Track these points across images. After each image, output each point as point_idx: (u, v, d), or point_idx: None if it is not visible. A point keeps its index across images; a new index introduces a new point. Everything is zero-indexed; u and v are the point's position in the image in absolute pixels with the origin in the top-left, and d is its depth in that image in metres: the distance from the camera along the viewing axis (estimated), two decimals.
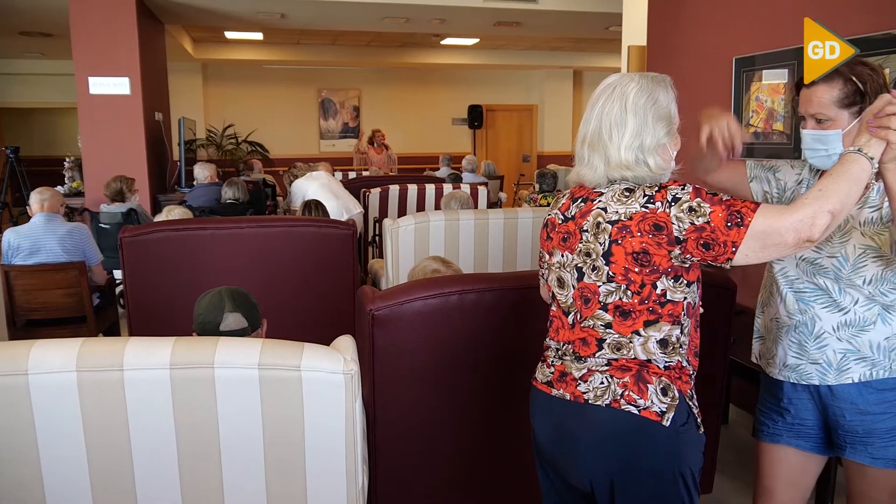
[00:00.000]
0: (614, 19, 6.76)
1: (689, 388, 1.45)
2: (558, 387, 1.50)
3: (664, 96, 1.45)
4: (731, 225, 1.31)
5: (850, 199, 1.35)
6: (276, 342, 1.59)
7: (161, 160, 6.93)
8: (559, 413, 1.50)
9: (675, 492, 1.42)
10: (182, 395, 1.52)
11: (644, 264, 1.37)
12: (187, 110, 9.60)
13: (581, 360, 1.46)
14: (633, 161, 1.41)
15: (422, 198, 5.80)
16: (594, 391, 1.43)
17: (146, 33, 6.47)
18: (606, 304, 1.42)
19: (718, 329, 2.35)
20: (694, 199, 1.34)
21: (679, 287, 1.41)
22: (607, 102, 1.45)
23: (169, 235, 3.37)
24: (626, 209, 1.39)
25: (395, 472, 2.16)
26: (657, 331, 1.41)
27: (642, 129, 1.42)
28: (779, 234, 1.30)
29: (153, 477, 1.58)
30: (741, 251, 1.32)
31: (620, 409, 1.40)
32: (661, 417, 1.39)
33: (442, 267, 2.47)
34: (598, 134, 1.45)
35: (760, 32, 3.41)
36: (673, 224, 1.34)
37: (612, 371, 1.42)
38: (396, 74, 12.29)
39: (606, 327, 1.43)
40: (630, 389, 1.40)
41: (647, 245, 1.36)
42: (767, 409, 1.88)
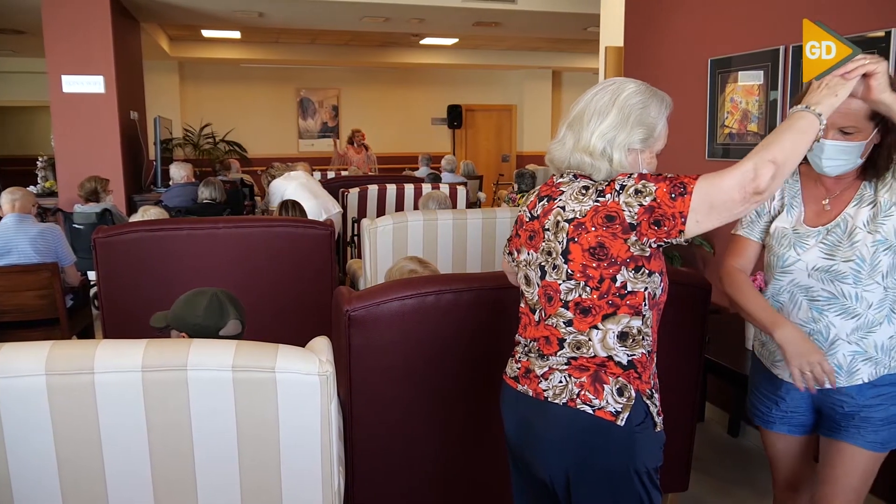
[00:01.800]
0: (592, 20, 6.80)
1: (648, 387, 1.46)
2: (523, 382, 1.53)
3: (656, 109, 1.46)
4: (675, 196, 1.32)
5: (795, 149, 1.36)
6: (250, 344, 1.58)
7: (136, 160, 6.85)
8: (523, 408, 1.53)
9: (631, 489, 1.45)
10: (154, 398, 1.51)
11: (601, 258, 1.39)
12: (164, 109, 9.49)
13: (544, 357, 1.49)
14: (598, 150, 1.43)
15: (401, 198, 5.79)
16: (553, 389, 1.46)
17: (121, 31, 6.39)
18: (567, 302, 1.44)
19: (693, 328, 2.37)
20: (639, 182, 1.37)
21: (640, 277, 1.42)
22: (601, 92, 1.48)
23: (144, 236, 3.33)
24: (581, 207, 1.41)
25: (372, 473, 2.16)
26: (616, 323, 1.42)
27: (620, 125, 1.43)
28: (724, 193, 1.30)
29: (125, 481, 1.56)
30: (690, 219, 1.32)
31: (576, 408, 1.42)
32: (616, 417, 1.41)
33: (419, 267, 2.47)
34: (580, 116, 1.47)
35: (736, 34, 3.44)
36: (624, 212, 1.36)
37: (570, 370, 1.45)
38: (376, 74, 12.25)
39: (567, 325, 1.45)
40: (586, 389, 1.42)
41: (603, 238, 1.38)
42: (762, 396, 1.93)
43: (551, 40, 9.87)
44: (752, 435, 3.40)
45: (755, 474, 3.10)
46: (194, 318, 1.90)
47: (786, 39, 3.10)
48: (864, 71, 1.47)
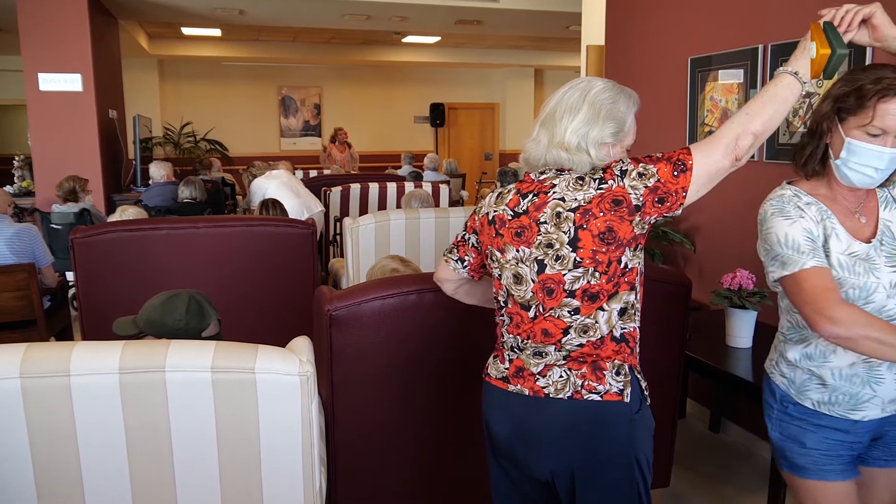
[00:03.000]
0: (574, 19, 6.82)
1: (636, 360, 1.52)
2: (515, 382, 1.52)
3: (624, 104, 1.50)
4: (678, 173, 1.41)
5: (774, 121, 1.45)
6: (229, 344, 1.57)
7: (115, 159, 6.77)
8: (517, 409, 1.52)
9: (631, 477, 1.49)
10: (132, 401, 1.49)
11: (610, 242, 1.43)
12: (143, 108, 9.40)
13: (539, 354, 1.49)
14: (574, 145, 1.46)
15: (383, 196, 5.78)
16: (554, 385, 1.47)
17: (98, 28, 6.31)
18: (574, 291, 1.45)
19: (674, 325, 2.38)
20: (638, 166, 1.43)
21: (637, 254, 1.48)
22: (571, 90, 1.52)
23: (122, 236, 3.29)
24: (584, 195, 1.44)
25: (354, 473, 2.15)
26: (618, 301, 1.47)
27: (592, 121, 1.47)
28: (717, 163, 1.42)
29: (103, 485, 1.54)
30: (691, 191, 1.42)
31: (583, 399, 1.45)
32: (622, 395, 1.46)
33: (401, 266, 2.46)
34: (552, 114, 1.51)
35: (715, 33, 3.47)
36: (630, 195, 1.41)
37: (569, 364, 1.47)
38: (358, 72, 12.21)
39: (574, 313, 1.46)
40: (589, 379, 1.46)
41: (611, 222, 1.42)
42: (831, 450, 1.63)
43: (533, 39, 9.89)
44: (732, 431, 3.43)
45: (736, 469, 3.12)
46: (175, 323, 1.86)
47: (765, 38, 3.13)
48: (860, 17, 1.50)
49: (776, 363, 1.73)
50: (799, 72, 1.47)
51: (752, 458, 3.22)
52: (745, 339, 2.74)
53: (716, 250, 3.55)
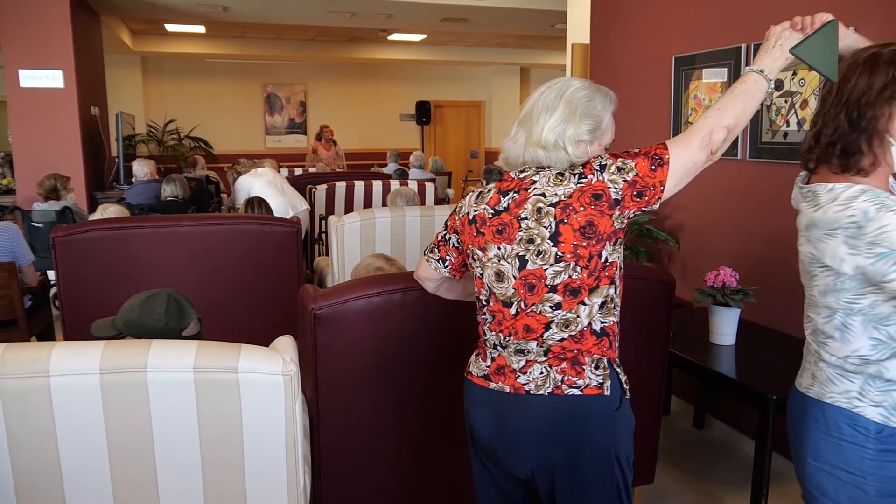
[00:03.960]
0: (559, 17, 6.83)
1: (615, 354, 1.53)
2: (496, 380, 1.54)
3: (601, 103, 1.52)
4: (655, 168, 1.43)
5: (745, 115, 1.48)
6: (212, 344, 1.56)
7: (98, 156, 6.71)
8: (498, 406, 1.53)
9: (612, 474, 1.50)
10: (113, 401, 1.47)
11: (590, 236, 1.44)
12: (126, 105, 9.31)
13: (522, 351, 1.50)
14: (551, 143, 1.48)
15: (369, 194, 5.76)
16: (534, 381, 1.48)
17: (80, 24, 6.24)
18: (555, 286, 1.46)
19: (658, 323, 2.39)
20: (617, 161, 1.46)
21: (617, 248, 1.49)
22: (548, 90, 1.54)
23: (104, 234, 3.26)
24: (564, 190, 1.45)
25: (339, 472, 2.14)
26: (599, 296, 1.48)
27: (568, 119, 1.48)
28: (693, 157, 1.44)
29: (83, 486, 1.52)
30: (668, 185, 1.44)
31: (563, 394, 1.47)
32: (602, 388, 1.47)
33: (385, 264, 2.45)
34: (529, 113, 1.53)
35: (699, 32, 3.49)
36: (610, 188, 1.43)
37: (549, 361, 1.48)
38: (343, 69, 12.17)
39: (555, 308, 1.47)
40: (568, 374, 1.47)
41: (592, 216, 1.44)
42: None
43: (519, 37, 9.90)
44: (716, 427, 3.46)
45: (720, 466, 3.15)
46: (155, 323, 1.84)
47: (748, 38, 3.15)
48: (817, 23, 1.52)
49: (862, 393, 1.39)
50: (765, 69, 1.51)
51: (735, 453, 3.24)
52: (728, 336, 2.76)
53: (700, 248, 3.58)
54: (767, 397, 2.28)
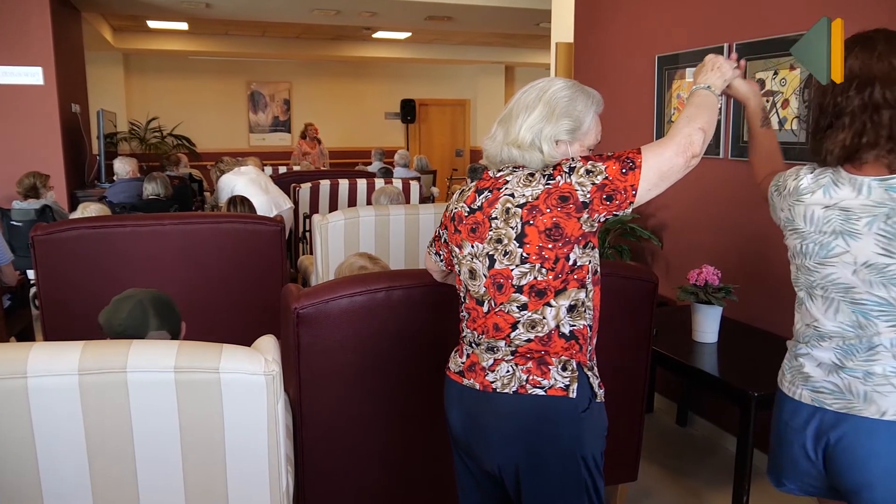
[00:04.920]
0: (544, 16, 6.85)
1: (586, 359, 1.52)
2: (468, 376, 1.56)
3: (582, 104, 1.52)
4: (626, 171, 1.42)
5: (711, 122, 1.51)
6: (193, 344, 1.54)
7: (79, 154, 6.63)
8: (469, 402, 1.56)
9: (578, 475, 1.50)
10: (92, 402, 1.46)
11: (556, 238, 1.44)
12: (108, 102, 9.21)
13: (492, 349, 1.52)
14: (527, 142, 1.48)
15: (353, 193, 5.74)
16: (501, 380, 1.50)
17: (60, 20, 6.16)
18: (521, 286, 1.47)
19: (641, 321, 2.41)
20: (587, 163, 1.44)
21: (587, 252, 1.49)
22: (530, 90, 1.54)
23: (85, 233, 3.22)
24: (532, 191, 1.45)
25: (322, 472, 2.13)
26: (566, 298, 1.47)
27: (547, 118, 1.49)
28: (669, 161, 1.43)
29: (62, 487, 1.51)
30: (641, 189, 1.43)
31: (527, 394, 1.47)
32: (567, 391, 1.47)
33: (369, 263, 2.45)
34: (510, 112, 1.54)
35: (681, 32, 3.50)
36: (577, 191, 1.42)
37: (516, 360, 1.49)
38: (328, 67, 12.12)
39: (522, 308, 1.48)
40: (533, 374, 1.47)
41: (558, 218, 1.43)
42: None
43: (504, 35, 9.91)
44: (698, 424, 3.48)
45: (703, 463, 3.17)
46: (117, 326, 1.82)
47: (730, 37, 3.17)
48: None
49: None
50: (711, 86, 1.58)
51: (717, 451, 3.27)
52: (710, 334, 2.78)
53: (683, 247, 3.60)
54: (749, 394, 2.30)
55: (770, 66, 2.94)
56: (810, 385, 1.54)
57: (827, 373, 1.51)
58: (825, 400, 1.51)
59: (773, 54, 2.92)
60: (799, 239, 1.54)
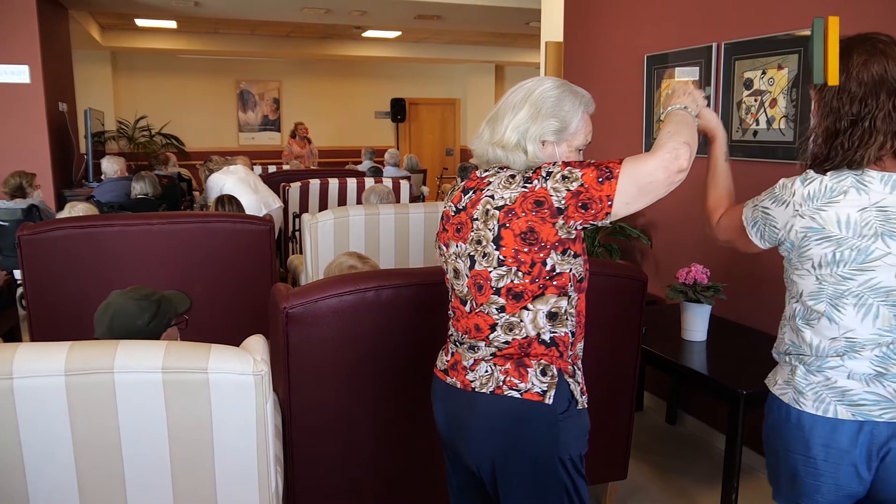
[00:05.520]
0: (534, 15, 6.85)
1: (568, 365, 1.52)
2: (452, 374, 1.57)
3: (570, 104, 1.51)
4: (603, 180, 1.38)
5: (695, 138, 1.46)
6: (181, 344, 1.54)
7: (66, 153, 6.58)
8: (452, 400, 1.57)
9: (556, 477, 1.49)
10: (79, 403, 1.45)
11: (532, 243, 1.43)
12: (96, 101, 9.15)
13: (473, 349, 1.53)
14: (513, 142, 1.48)
15: (343, 192, 5.73)
16: (480, 379, 1.50)
17: (47, 18, 6.12)
18: (499, 289, 1.47)
19: (631, 319, 2.41)
20: (565, 169, 1.42)
21: (567, 259, 1.47)
22: (518, 90, 1.54)
23: (73, 233, 3.20)
24: (511, 194, 1.45)
25: (312, 472, 2.13)
26: (545, 304, 1.47)
27: (532, 118, 1.48)
28: (649, 175, 1.37)
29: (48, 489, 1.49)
30: (618, 201, 1.38)
31: (503, 395, 1.47)
32: (544, 396, 1.47)
33: (358, 263, 2.44)
34: (496, 112, 1.54)
35: (670, 31, 3.51)
36: (552, 197, 1.40)
37: (495, 360, 1.50)
38: (318, 66, 12.08)
39: (500, 311, 1.48)
40: (511, 375, 1.47)
41: (533, 223, 1.42)
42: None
43: (494, 34, 9.91)
44: (688, 422, 3.50)
45: (692, 461, 3.18)
46: (98, 327, 1.83)
47: (718, 37, 3.18)
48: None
49: None
50: (687, 107, 1.54)
51: (707, 449, 3.28)
52: (699, 332, 2.79)
53: (672, 245, 3.61)
54: (738, 393, 2.31)
55: (758, 65, 2.95)
56: (847, 399, 1.44)
57: (866, 383, 1.43)
58: (870, 412, 1.43)
59: (761, 54, 2.93)
60: (832, 246, 1.43)
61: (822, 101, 1.49)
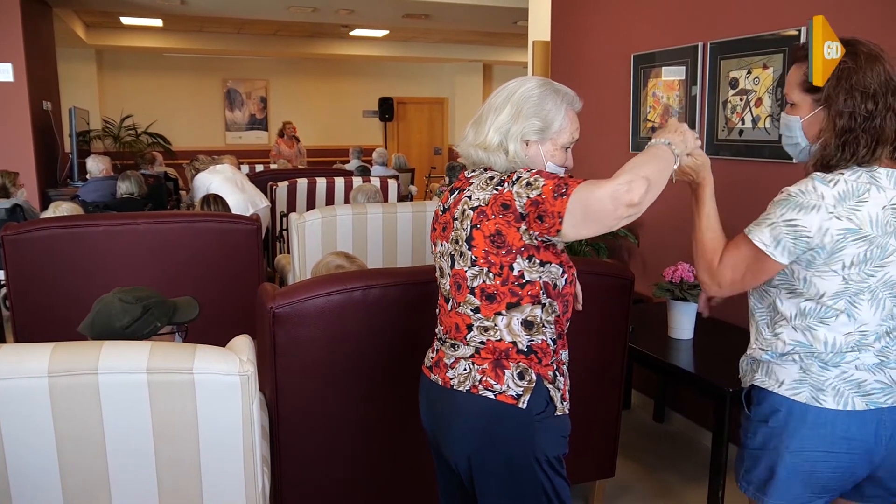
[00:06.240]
0: (522, 14, 6.86)
1: (550, 370, 1.51)
2: (435, 372, 1.58)
3: (553, 102, 1.51)
4: (557, 195, 1.34)
5: (661, 176, 1.38)
6: (166, 344, 1.53)
7: (51, 152, 6.52)
8: (434, 397, 1.59)
9: (532, 477, 1.49)
10: (63, 405, 1.43)
11: (500, 245, 1.44)
12: (81, 100, 9.08)
13: (454, 347, 1.54)
14: (494, 143, 1.49)
15: (331, 191, 5.71)
16: (458, 377, 1.51)
17: (31, 16, 6.06)
18: (474, 289, 1.49)
19: (618, 318, 2.42)
20: (532, 176, 1.40)
21: (534, 267, 1.47)
22: (501, 91, 1.55)
23: (57, 233, 3.17)
24: (484, 195, 1.46)
25: (299, 473, 2.12)
26: (520, 312, 1.47)
27: (514, 118, 1.49)
28: (598, 201, 1.30)
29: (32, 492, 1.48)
30: (567, 222, 1.33)
31: (478, 394, 1.48)
32: (517, 401, 1.47)
33: (345, 262, 2.43)
34: (480, 115, 1.55)
35: (657, 31, 3.53)
36: (515, 201, 1.40)
37: (474, 359, 1.50)
38: (305, 65, 12.04)
39: (475, 311, 1.50)
40: (487, 375, 1.48)
41: (500, 225, 1.43)
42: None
43: (481, 34, 9.91)
44: (675, 420, 3.51)
45: (680, 459, 3.20)
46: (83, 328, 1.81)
47: (705, 36, 3.19)
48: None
49: None
50: (671, 143, 1.44)
51: (694, 446, 3.30)
52: (686, 330, 2.80)
53: (659, 244, 3.62)
54: (724, 390, 2.32)
55: (743, 65, 2.97)
56: (862, 391, 1.47)
57: (873, 373, 1.48)
58: (878, 400, 1.47)
59: (746, 53, 2.95)
60: (865, 245, 1.42)
61: (830, 103, 1.47)
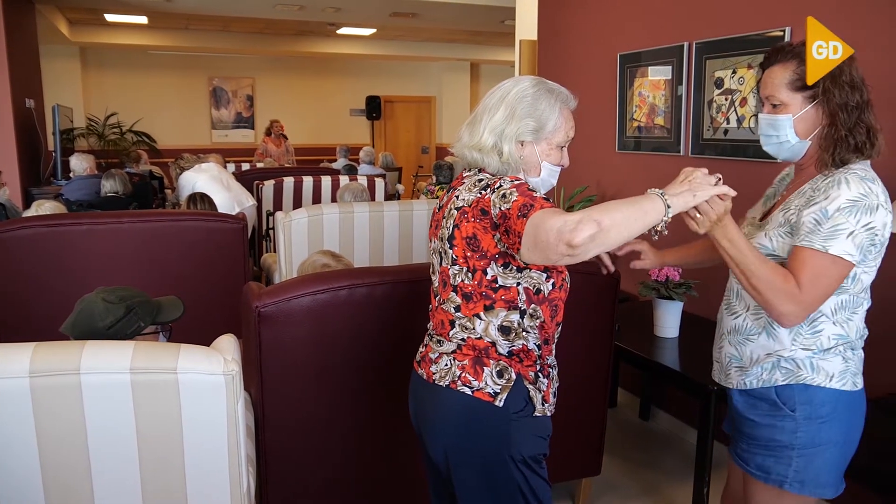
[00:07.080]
0: (509, 13, 6.86)
1: (532, 370, 1.51)
2: (422, 366, 1.60)
3: (547, 102, 1.50)
4: (520, 216, 1.30)
5: (627, 223, 1.25)
6: (150, 344, 1.52)
7: (34, 151, 6.45)
8: (419, 391, 1.61)
9: (507, 475, 1.49)
10: (45, 405, 1.42)
11: (475, 249, 1.45)
12: (64, 97, 8.98)
13: (440, 343, 1.55)
14: (489, 145, 1.49)
15: (318, 190, 5.69)
16: (440, 372, 1.52)
17: (12, 12, 5.98)
18: (455, 287, 1.50)
19: (604, 316, 2.43)
20: (511, 188, 1.37)
21: (509, 273, 1.46)
22: (495, 91, 1.55)
23: (40, 232, 3.14)
24: (470, 196, 1.46)
25: (285, 473, 2.11)
26: (495, 316, 1.48)
27: (508, 119, 1.49)
28: (545, 232, 1.23)
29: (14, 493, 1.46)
30: (523, 243, 1.29)
31: (457, 389, 1.49)
32: (494, 398, 1.47)
33: (332, 261, 2.43)
34: (475, 116, 1.55)
35: (643, 30, 3.54)
36: (492, 209, 1.40)
37: (456, 355, 1.51)
38: (292, 63, 11.98)
39: (457, 309, 1.51)
40: (467, 371, 1.49)
41: (476, 230, 1.43)
42: None
43: (469, 32, 9.91)
44: (661, 418, 3.53)
45: (665, 456, 3.21)
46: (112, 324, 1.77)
47: (691, 36, 3.21)
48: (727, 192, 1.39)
49: None
50: (667, 195, 1.31)
51: (679, 444, 3.32)
52: (672, 329, 2.82)
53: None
54: (709, 388, 2.33)
55: (728, 64, 2.99)
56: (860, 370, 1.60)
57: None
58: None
59: (732, 53, 2.97)
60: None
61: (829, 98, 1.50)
